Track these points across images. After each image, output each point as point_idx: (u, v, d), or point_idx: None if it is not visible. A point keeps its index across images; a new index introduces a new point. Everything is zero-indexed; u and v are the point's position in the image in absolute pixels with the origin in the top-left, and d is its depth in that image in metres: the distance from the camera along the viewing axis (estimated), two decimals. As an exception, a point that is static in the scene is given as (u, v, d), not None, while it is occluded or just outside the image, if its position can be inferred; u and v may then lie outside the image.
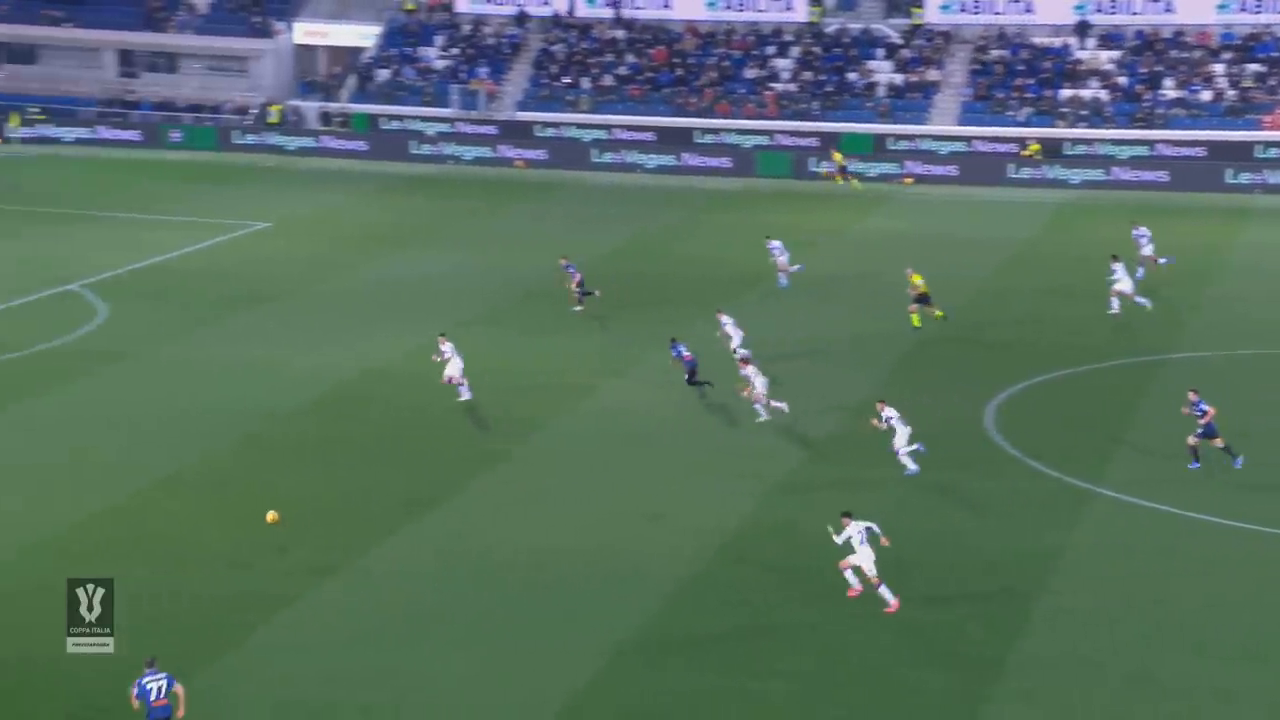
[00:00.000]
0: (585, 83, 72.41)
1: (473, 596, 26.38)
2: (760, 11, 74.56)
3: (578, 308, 43.68)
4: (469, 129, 70.80)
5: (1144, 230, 47.38)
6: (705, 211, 60.22)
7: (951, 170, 65.71)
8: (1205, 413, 31.26)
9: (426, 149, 69.64)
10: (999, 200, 61.98)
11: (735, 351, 36.96)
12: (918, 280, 41.86)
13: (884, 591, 25.58)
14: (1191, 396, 31.73)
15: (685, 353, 36.55)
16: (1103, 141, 65.87)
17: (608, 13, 75.29)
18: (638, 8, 75.48)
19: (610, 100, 71.31)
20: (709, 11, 74.91)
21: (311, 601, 26.21)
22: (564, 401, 36.22)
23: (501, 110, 71.83)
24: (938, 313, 41.74)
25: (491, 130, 70.72)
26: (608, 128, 69.83)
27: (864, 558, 25.70)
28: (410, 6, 76.86)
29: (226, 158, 68.93)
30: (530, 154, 69.18)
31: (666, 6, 75.29)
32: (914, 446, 31.52)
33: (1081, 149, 65.95)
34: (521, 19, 75.73)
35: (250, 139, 70.60)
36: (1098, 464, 32.16)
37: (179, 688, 22.31)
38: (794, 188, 64.56)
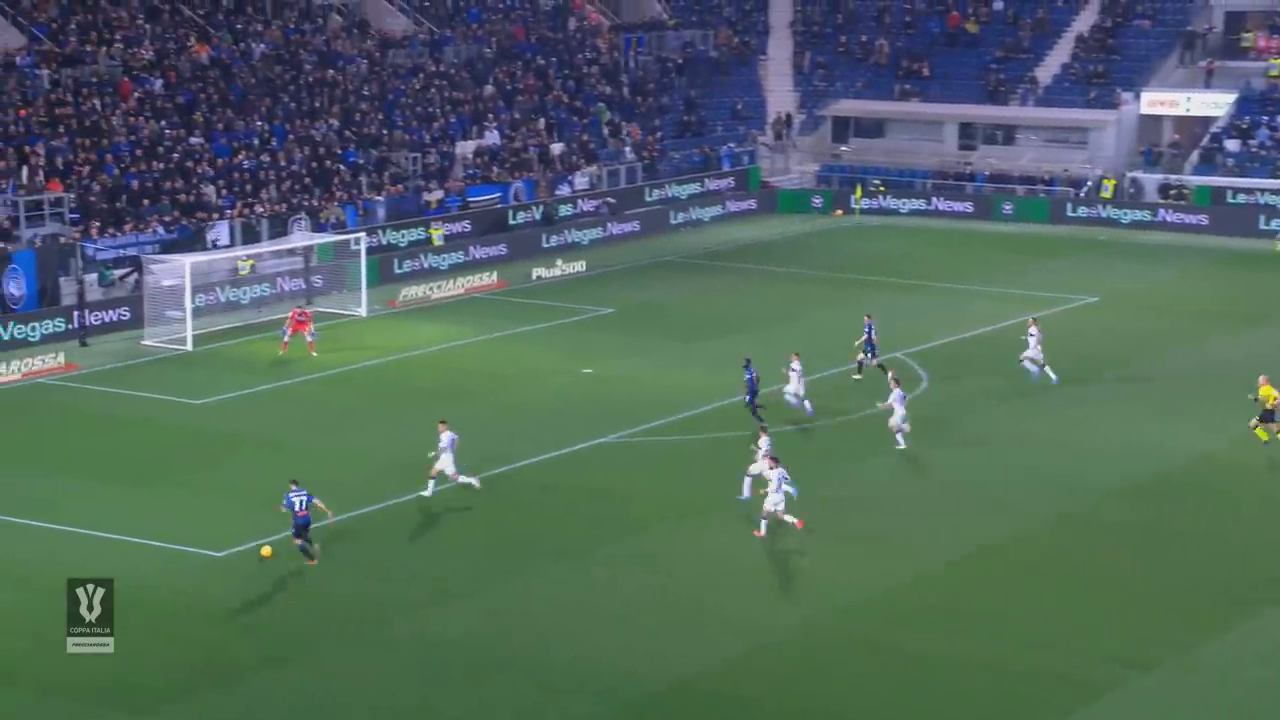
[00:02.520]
0: None
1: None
2: None
3: (857, 376, 41.88)
4: (1328, 203, 65.11)
5: None
6: None
7: None
8: None
9: (1276, 224, 64.70)
10: None
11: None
12: (1270, 394, 35.55)
13: (764, 525, 30.40)
14: None
15: (755, 373, 37.83)
16: None
17: None
18: None
19: None
20: None
21: (1124, 695, 24.66)
22: None
23: (1371, 182, 65.55)
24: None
25: (1359, 204, 64.61)
26: None
27: (775, 501, 30.13)
28: (1275, 73, 71.91)
29: (1057, 230, 67.45)
30: (1400, 229, 62.50)
31: None
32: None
33: None
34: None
35: (1083, 211, 68.86)
36: None
37: (319, 500, 27.91)
38: None
